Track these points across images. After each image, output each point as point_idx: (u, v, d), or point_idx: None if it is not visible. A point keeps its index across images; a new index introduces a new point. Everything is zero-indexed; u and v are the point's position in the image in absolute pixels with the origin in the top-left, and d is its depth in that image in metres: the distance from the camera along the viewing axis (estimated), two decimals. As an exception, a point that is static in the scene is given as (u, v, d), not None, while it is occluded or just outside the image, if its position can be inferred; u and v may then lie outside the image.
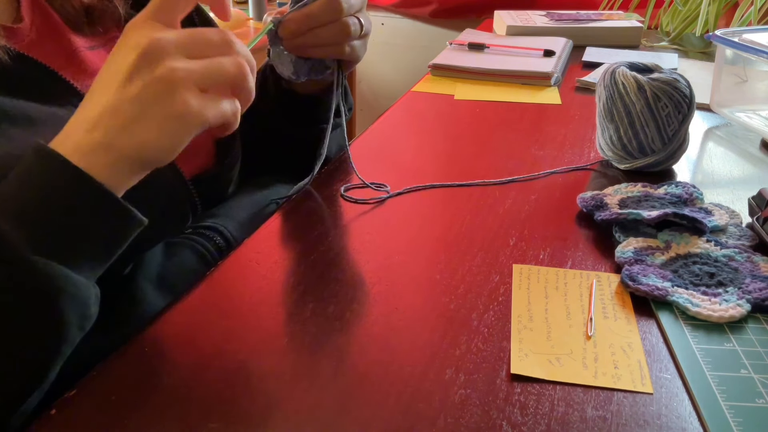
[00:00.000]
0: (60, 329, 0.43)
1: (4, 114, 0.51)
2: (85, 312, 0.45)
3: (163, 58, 0.44)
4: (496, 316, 0.51)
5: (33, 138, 0.50)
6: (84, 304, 0.44)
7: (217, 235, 0.63)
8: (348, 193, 0.70)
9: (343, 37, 0.65)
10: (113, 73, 0.44)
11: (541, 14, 1.53)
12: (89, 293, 0.45)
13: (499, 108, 1.01)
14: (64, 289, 0.43)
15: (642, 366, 0.46)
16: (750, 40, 0.89)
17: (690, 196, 0.67)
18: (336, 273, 0.56)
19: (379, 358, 0.46)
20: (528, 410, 0.41)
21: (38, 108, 0.53)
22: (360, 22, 0.66)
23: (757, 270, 0.55)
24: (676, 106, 0.73)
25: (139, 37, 0.44)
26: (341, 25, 0.64)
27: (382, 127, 0.93)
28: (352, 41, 0.67)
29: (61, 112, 0.55)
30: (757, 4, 1.30)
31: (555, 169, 0.77)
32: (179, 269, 0.57)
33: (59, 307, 0.43)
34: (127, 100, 0.44)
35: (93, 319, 0.45)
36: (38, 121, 0.52)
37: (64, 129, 0.46)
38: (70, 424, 0.41)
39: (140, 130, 0.44)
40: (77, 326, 0.44)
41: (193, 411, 0.41)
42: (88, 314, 0.45)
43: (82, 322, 0.45)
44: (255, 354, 0.46)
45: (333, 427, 0.40)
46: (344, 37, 0.65)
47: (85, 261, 0.45)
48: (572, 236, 0.63)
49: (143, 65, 0.44)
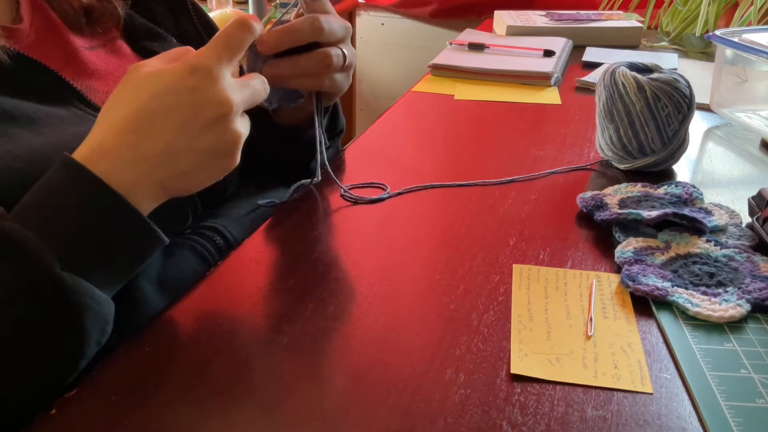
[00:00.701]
0: (81, 344, 0.44)
1: (5, 114, 0.51)
2: (104, 327, 0.46)
3: (235, 121, 0.48)
4: (496, 316, 0.51)
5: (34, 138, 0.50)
6: (104, 320, 0.45)
7: (217, 236, 0.63)
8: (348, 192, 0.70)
9: (323, 68, 0.60)
10: (184, 119, 0.46)
11: (541, 14, 1.53)
12: (109, 309, 0.46)
13: (499, 108, 1.01)
14: (89, 305, 0.44)
15: (642, 366, 0.46)
16: (750, 40, 0.89)
17: (690, 196, 0.67)
18: (336, 273, 0.56)
19: (379, 358, 0.46)
20: (528, 410, 0.41)
21: (38, 108, 0.54)
22: (343, 53, 0.61)
23: (757, 270, 0.55)
24: (676, 106, 0.73)
25: (217, 92, 0.46)
26: (322, 55, 0.59)
27: (382, 127, 0.93)
28: (333, 73, 0.61)
29: (61, 112, 0.55)
30: (757, 4, 1.30)
31: (555, 169, 0.77)
32: (179, 269, 0.57)
33: (83, 322, 0.43)
34: (194, 151, 0.47)
35: (108, 334, 0.46)
36: (39, 120, 0.53)
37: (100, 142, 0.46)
38: (70, 424, 0.41)
39: (196, 177, 0.48)
40: (96, 341, 0.45)
41: (193, 411, 0.41)
42: (106, 330, 0.46)
43: (100, 338, 0.46)
44: (255, 354, 0.46)
45: (333, 427, 0.40)
46: (325, 69, 0.60)
47: (109, 278, 0.46)
48: (572, 236, 0.63)
49: (218, 125, 0.47)
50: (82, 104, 0.58)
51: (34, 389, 0.43)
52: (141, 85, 0.46)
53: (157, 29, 0.70)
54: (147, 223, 0.46)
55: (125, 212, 0.45)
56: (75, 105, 0.58)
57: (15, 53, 0.55)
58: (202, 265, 0.60)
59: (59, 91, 0.58)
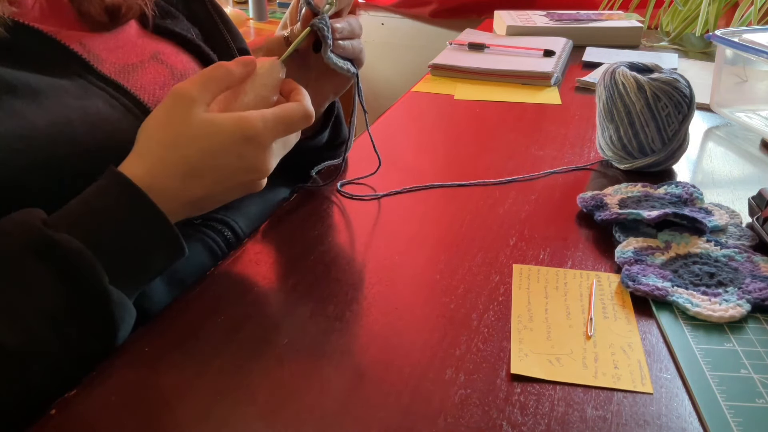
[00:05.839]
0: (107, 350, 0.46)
1: (6, 85, 0.50)
2: (125, 336, 0.48)
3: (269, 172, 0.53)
4: (496, 316, 0.51)
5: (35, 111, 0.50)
6: (128, 330, 0.48)
7: (227, 229, 0.63)
8: (345, 188, 0.70)
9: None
10: (226, 176, 0.50)
11: (541, 14, 1.53)
12: (133, 318, 0.48)
13: (499, 108, 1.01)
14: (126, 319, 0.46)
15: (642, 366, 0.45)
16: (750, 40, 0.89)
17: (690, 196, 0.67)
18: (336, 273, 0.56)
19: (379, 358, 0.46)
20: (528, 410, 0.41)
21: (40, 78, 0.52)
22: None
23: (757, 270, 0.55)
24: (676, 106, 0.73)
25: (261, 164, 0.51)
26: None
27: (382, 127, 0.93)
28: None
29: (64, 83, 0.54)
30: (757, 4, 1.30)
31: (555, 169, 0.77)
32: (189, 264, 0.56)
33: (116, 334, 0.46)
34: (226, 196, 0.52)
35: None
36: (41, 92, 0.51)
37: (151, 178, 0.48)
38: (70, 424, 0.41)
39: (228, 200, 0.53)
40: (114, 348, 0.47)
41: (193, 411, 0.41)
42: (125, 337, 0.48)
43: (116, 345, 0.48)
44: (255, 354, 0.46)
45: (333, 427, 0.40)
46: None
47: (138, 288, 0.49)
48: (572, 236, 0.63)
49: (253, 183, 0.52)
50: (87, 73, 0.56)
51: (51, 391, 0.43)
52: (197, 134, 0.49)
53: (168, 6, 0.70)
54: (183, 246, 0.50)
55: (171, 237, 0.49)
56: (80, 74, 0.56)
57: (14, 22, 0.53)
58: (212, 259, 0.60)
59: (63, 59, 0.56)
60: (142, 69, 0.61)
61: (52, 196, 0.47)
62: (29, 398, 0.42)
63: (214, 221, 0.63)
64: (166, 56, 0.65)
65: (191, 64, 0.67)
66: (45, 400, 0.42)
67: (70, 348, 0.44)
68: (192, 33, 0.70)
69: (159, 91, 0.61)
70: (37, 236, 0.44)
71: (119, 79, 0.58)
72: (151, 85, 0.61)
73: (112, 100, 0.56)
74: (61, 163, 0.50)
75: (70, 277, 0.44)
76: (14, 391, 0.41)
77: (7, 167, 0.47)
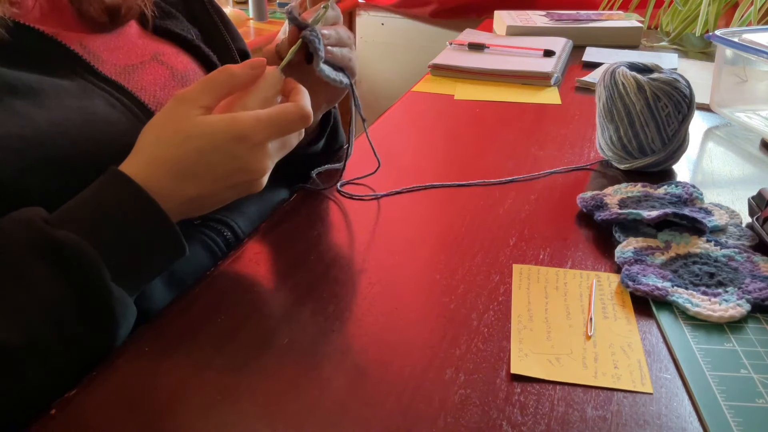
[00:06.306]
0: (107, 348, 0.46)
1: (7, 86, 0.50)
2: (126, 334, 0.48)
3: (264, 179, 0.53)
4: (496, 316, 0.51)
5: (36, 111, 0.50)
6: (129, 328, 0.48)
7: (227, 229, 0.63)
8: (345, 189, 0.70)
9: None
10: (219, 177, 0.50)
11: (541, 14, 1.53)
12: (134, 317, 0.48)
13: (499, 108, 1.01)
14: (127, 317, 0.47)
15: (642, 366, 0.46)
16: (750, 40, 0.89)
17: (690, 196, 0.67)
18: (336, 273, 0.56)
19: (379, 358, 0.46)
20: (528, 410, 0.41)
21: (40, 79, 0.53)
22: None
23: (757, 270, 0.55)
24: (676, 106, 0.73)
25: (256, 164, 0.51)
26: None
27: (381, 127, 0.93)
28: None
29: (65, 84, 0.54)
30: (757, 4, 1.30)
31: (555, 169, 0.77)
32: (189, 264, 0.56)
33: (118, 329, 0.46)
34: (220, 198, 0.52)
35: None
36: (41, 92, 0.52)
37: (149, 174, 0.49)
38: (70, 424, 0.41)
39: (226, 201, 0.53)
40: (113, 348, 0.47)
41: (193, 411, 0.41)
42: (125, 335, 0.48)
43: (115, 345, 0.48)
44: (255, 354, 0.46)
45: (333, 427, 0.40)
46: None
47: (139, 287, 0.49)
48: (572, 236, 0.63)
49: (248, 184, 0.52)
50: (88, 74, 0.57)
51: (51, 390, 0.43)
52: (191, 134, 0.49)
53: (168, 7, 0.70)
54: (183, 244, 0.50)
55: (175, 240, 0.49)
56: (81, 75, 0.56)
57: (15, 23, 0.54)
58: (211, 259, 0.60)
59: (64, 60, 0.56)
60: (142, 69, 0.62)
61: (52, 196, 0.47)
62: (30, 397, 0.42)
63: (213, 221, 0.63)
64: (167, 57, 0.65)
65: (191, 65, 0.67)
66: (45, 400, 0.42)
67: (72, 345, 0.44)
68: (192, 34, 0.70)
69: (159, 91, 0.61)
70: (38, 234, 0.44)
71: (120, 79, 0.59)
72: (151, 85, 0.61)
73: (113, 100, 0.56)
74: (62, 163, 0.50)
75: (72, 273, 0.44)
76: (15, 389, 0.41)
77: (7, 167, 0.47)
